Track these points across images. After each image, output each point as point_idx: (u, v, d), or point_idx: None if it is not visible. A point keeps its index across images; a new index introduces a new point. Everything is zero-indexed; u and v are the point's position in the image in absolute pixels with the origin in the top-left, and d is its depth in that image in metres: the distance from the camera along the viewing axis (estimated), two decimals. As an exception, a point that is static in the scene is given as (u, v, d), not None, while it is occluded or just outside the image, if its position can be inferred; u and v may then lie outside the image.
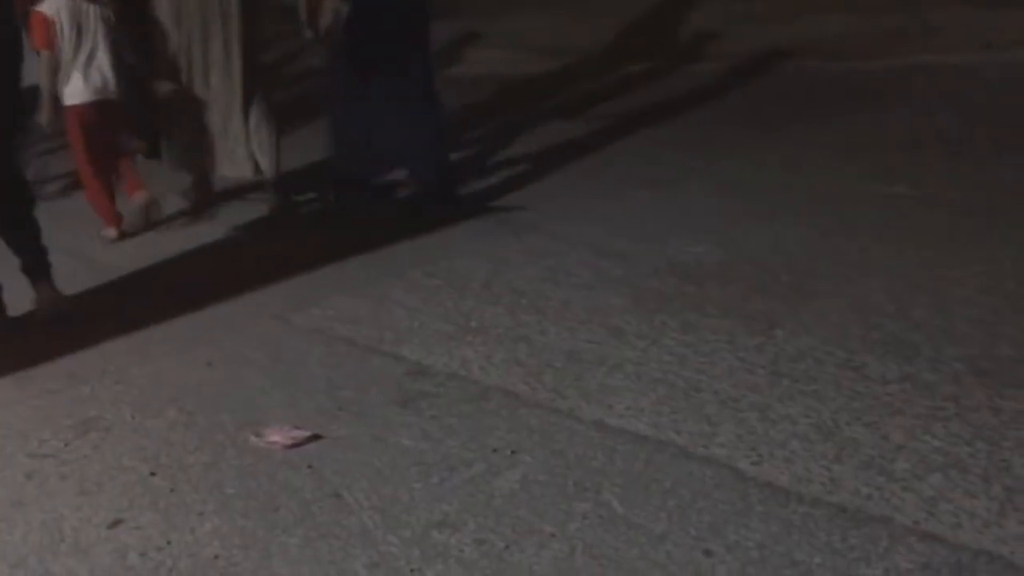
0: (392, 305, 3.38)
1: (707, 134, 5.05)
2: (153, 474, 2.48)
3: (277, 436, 2.61)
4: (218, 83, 4.57)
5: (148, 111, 4.83)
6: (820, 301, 3.06)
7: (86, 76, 4.46)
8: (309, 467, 2.45)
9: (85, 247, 4.37)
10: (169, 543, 2.20)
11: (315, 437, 2.58)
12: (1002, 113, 4.61)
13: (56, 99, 4.45)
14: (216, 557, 2.14)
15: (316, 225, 4.47)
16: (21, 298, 3.65)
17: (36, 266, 3.62)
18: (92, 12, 4.47)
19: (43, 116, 4.43)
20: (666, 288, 3.28)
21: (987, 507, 2.03)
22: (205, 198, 4.83)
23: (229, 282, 3.77)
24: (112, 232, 4.53)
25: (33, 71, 4.11)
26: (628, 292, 3.27)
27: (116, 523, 2.30)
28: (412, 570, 2.04)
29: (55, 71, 4.42)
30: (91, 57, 4.46)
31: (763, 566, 1.94)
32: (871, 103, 5.03)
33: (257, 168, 4.63)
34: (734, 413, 2.49)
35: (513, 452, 2.43)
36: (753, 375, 2.67)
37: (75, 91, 4.47)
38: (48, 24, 4.40)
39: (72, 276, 3.94)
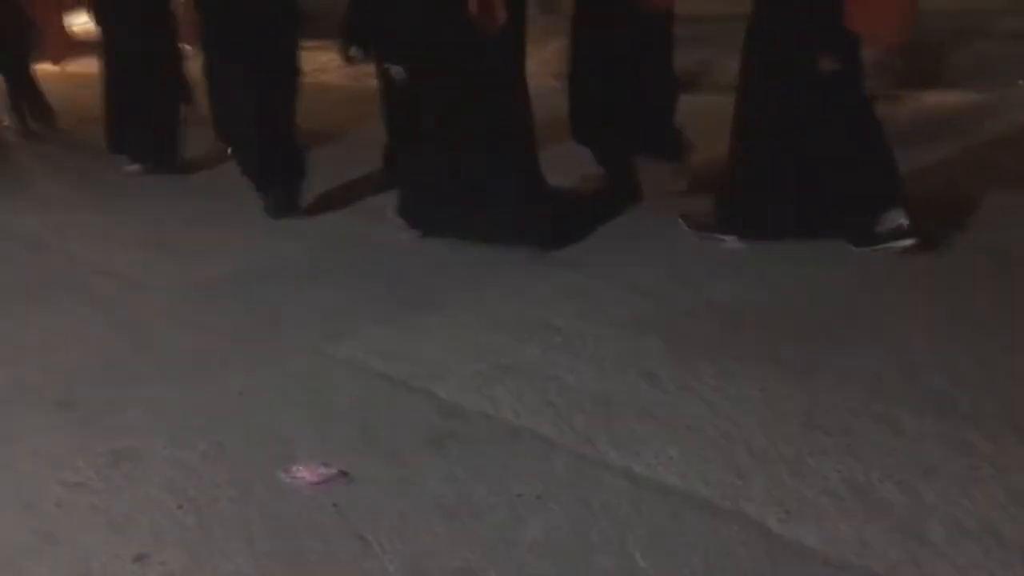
0: (426, 340, 3.38)
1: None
2: (180, 507, 2.50)
3: (305, 472, 2.62)
4: None
5: None
6: (858, 349, 3.01)
7: None
8: (334, 506, 2.45)
9: (122, 270, 4.42)
10: (192, 581, 2.22)
11: (343, 475, 2.59)
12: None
13: None
14: (238, 597, 2.15)
15: (356, 254, 4.49)
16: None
17: None
18: None
19: None
20: (701, 331, 3.25)
21: (1022, 579, 1.98)
22: None
23: (266, 308, 3.80)
24: None
25: None
26: (663, 334, 3.25)
27: (141, 558, 2.31)
28: (431, 620, 2.03)
29: None
30: None
31: (787, 631, 1.90)
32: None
33: None
34: (764, 465, 2.45)
35: (538, 498, 2.41)
36: (786, 426, 2.63)
37: None
38: None
39: (111, 298, 4.01)
